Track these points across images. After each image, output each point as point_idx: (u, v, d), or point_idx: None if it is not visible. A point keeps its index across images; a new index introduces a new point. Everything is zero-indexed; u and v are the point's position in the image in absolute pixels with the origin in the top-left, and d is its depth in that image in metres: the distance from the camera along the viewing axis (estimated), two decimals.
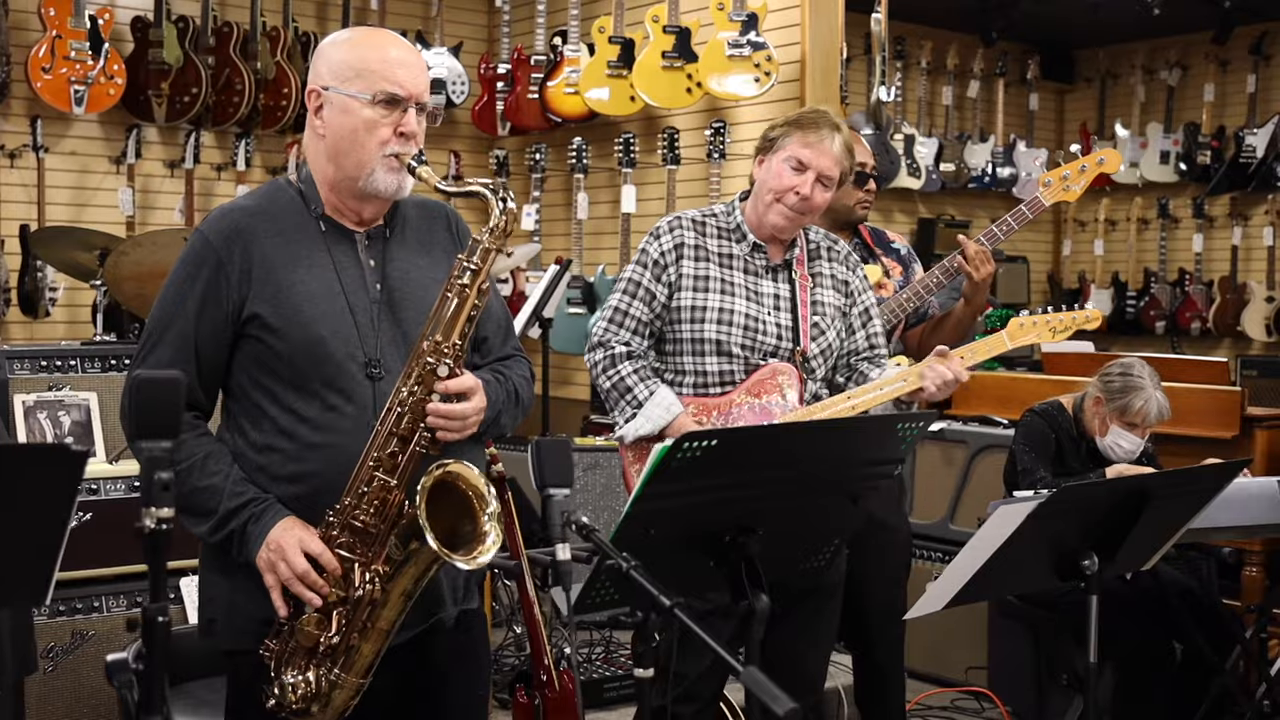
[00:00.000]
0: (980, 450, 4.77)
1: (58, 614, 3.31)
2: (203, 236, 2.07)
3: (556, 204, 6.04)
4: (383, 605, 1.98)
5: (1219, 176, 7.89)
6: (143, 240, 4.13)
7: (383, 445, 1.97)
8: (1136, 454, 3.74)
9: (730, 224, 2.86)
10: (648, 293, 2.82)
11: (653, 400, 2.74)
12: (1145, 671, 3.86)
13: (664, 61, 5.26)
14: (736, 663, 1.59)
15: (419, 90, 2.06)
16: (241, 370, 2.06)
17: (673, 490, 1.90)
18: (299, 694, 1.99)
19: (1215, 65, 8.13)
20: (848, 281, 2.91)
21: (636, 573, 1.76)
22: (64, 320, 5.31)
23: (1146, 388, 3.67)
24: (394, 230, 2.14)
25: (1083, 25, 8.09)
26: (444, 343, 1.98)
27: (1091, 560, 2.41)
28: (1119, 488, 2.49)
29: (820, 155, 2.75)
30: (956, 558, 2.34)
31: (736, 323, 2.77)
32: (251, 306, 2.02)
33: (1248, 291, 7.90)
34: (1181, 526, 2.64)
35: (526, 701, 3.32)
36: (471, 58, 6.16)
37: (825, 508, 2.15)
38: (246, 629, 2.04)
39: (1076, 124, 8.85)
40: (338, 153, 2.05)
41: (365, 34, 2.15)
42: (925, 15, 7.69)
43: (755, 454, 1.97)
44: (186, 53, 5.40)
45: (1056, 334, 3.00)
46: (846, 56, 6.04)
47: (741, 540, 2.00)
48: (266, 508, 2.00)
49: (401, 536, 1.96)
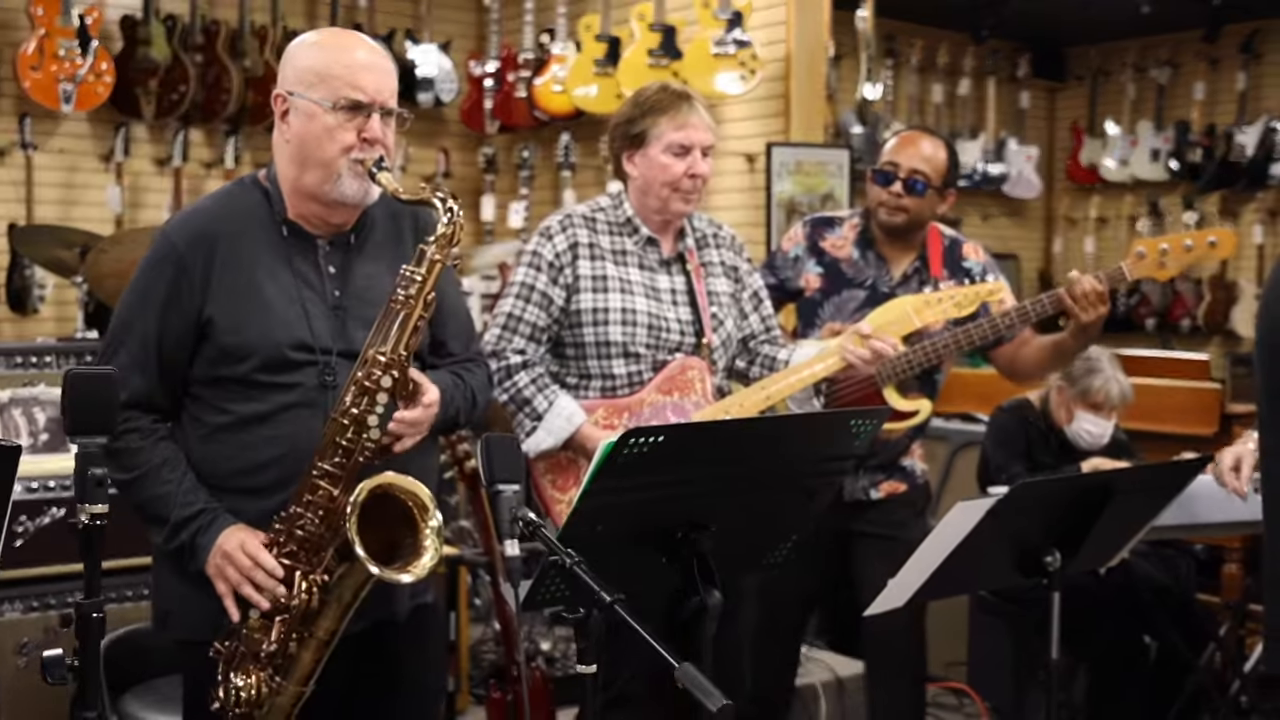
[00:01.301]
0: (961, 447, 4.75)
1: (30, 609, 3.29)
2: (167, 239, 2.06)
3: (544, 201, 6.01)
4: (321, 615, 1.98)
5: (1209, 175, 7.85)
6: (123, 238, 4.12)
7: (328, 455, 1.96)
8: (1105, 438, 3.72)
9: (620, 218, 2.78)
10: (544, 297, 2.71)
11: (552, 411, 2.66)
12: (1119, 669, 3.84)
13: (650, 59, 5.23)
14: (671, 659, 1.56)
15: (383, 96, 2.04)
16: (199, 370, 2.05)
17: (620, 486, 1.88)
18: (243, 698, 1.99)
19: (1205, 63, 8.08)
20: (736, 267, 2.87)
21: (579, 569, 1.73)
22: (52, 317, 5.30)
23: (1106, 369, 3.68)
24: (358, 237, 2.12)
25: (1074, 23, 8.05)
26: (389, 353, 1.96)
27: (1054, 557, 2.39)
28: (1080, 484, 2.48)
29: (695, 131, 2.69)
30: (916, 553, 2.33)
31: (640, 323, 2.69)
32: (210, 310, 2.01)
33: (1237, 289, 7.87)
34: (1146, 523, 2.62)
35: (499, 696, 3.31)
36: (460, 55, 6.13)
37: (779, 504, 2.13)
38: (201, 620, 2.04)
39: (1067, 122, 8.81)
40: (303, 158, 2.04)
41: (331, 37, 2.13)
42: (916, 13, 7.65)
43: (704, 450, 1.94)
44: (175, 51, 5.37)
45: (961, 308, 2.93)
46: (837, 54, 6.02)
47: (693, 536, 1.98)
48: (215, 519, 2.00)
49: (340, 549, 1.96)
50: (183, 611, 2.08)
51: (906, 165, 3.12)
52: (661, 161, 2.69)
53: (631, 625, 1.64)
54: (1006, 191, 8.19)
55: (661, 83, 2.80)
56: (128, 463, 2.00)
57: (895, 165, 3.13)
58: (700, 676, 1.53)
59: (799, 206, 5.13)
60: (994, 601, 4.27)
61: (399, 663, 2.14)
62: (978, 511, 2.24)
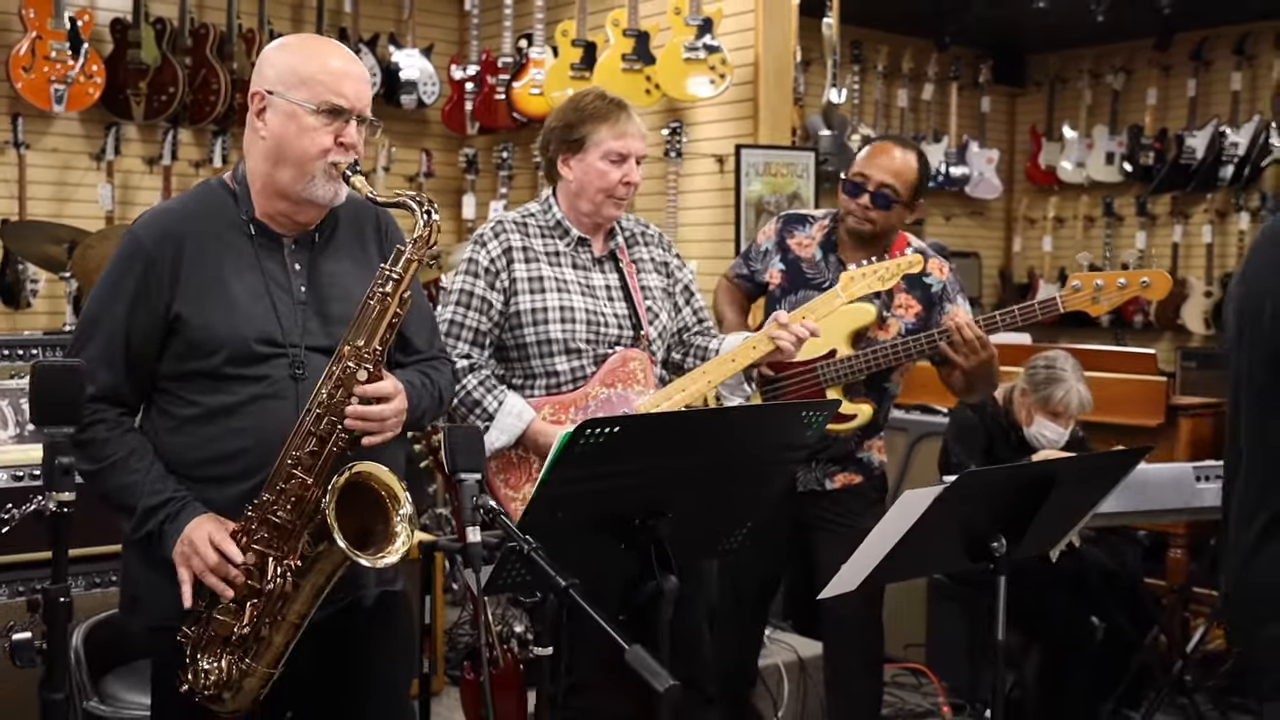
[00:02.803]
0: (921, 438, 4.76)
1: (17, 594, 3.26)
2: (135, 238, 2.04)
3: (523, 200, 5.94)
4: (294, 599, 1.97)
5: (1161, 177, 7.88)
6: (109, 234, 4.09)
7: (301, 444, 1.95)
8: (1060, 443, 3.73)
9: (549, 221, 2.76)
10: (484, 302, 2.69)
11: (503, 410, 2.64)
12: (1069, 649, 3.85)
13: (624, 64, 5.21)
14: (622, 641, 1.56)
15: (362, 104, 2.05)
16: (167, 366, 2.03)
17: (577, 475, 1.87)
18: (212, 680, 1.98)
19: (1158, 70, 8.12)
20: (666, 263, 2.86)
21: (536, 555, 1.73)
22: (45, 311, 5.26)
23: (1068, 379, 3.67)
24: (323, 235, 2.12)
25: (1033, 31, 8.06)
26: (364, 348, 1.96)
27: (1000, 542, 2.39)
28: (1023, 473, 2.47)
29: (632, 140, 2.68)
30: (867, 539, 2.32)
31: (579, 319, 2.67)
32: (179, 307, 1.99)
33: (1187, 286, 7.89)
34: (1088, 509, 2.62)
35: (473, 678, 3.29)
36: (442, 59, 6.11)
37: (734, 492, 2.12)
38: (169, 606, 2.02)
39: (1027, 126, 8.83)
40: (279, 156, 2.02)
41: (313, 42, 2.12)
42: (882, 20, 7.66)
43: (660, 440, 1.94)
44: (164, 53, 5.33)
45: (885, 281, 2.94)
46: (805, 60, 6.02)
47: (650, 523, 1.98)
48: (183, 507, 1.98)
49: (313, 534, 1.95)
50: (150, 598, 2.06)
51: (875, 178, 3.05)
52: (599, 168, 2.67)
53: (584, 609, 1.63)
54: (968, 192, 8.22)
55: (599, 90, 2.78)
56: (95, 453, 1.98)
57: (865, 178, 3.06)
58: (649, 658, 1.52)
59: (767, 206, 5.12)
60: (950, 586, 4.29)
61: (365, 646, 2.13)
62: (925, 499, 2.24)
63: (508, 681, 3.19)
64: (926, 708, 4.30)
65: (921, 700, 4.37)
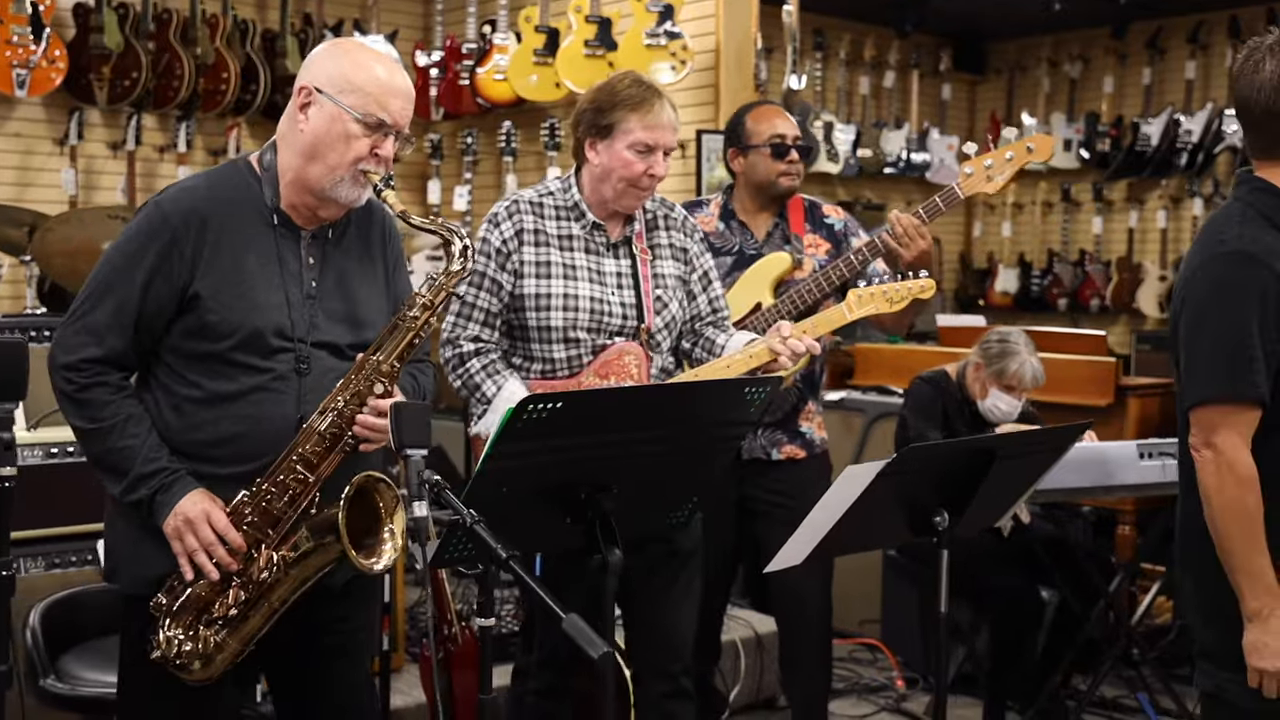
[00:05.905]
0: (877, 418, 4.80)
1: None
2: (160, 211, 2.04)
3: (488, 185, 5.99)
4: (279, 586, 2.01)
5: (1117, 163, 7.94)
6: (69, 217, 4.05)
7: (310, 443, 2.00)
8: (1014, 415, 3.77)
9: (568, 201, 2.70)
10: (494, 283, 2.66)
11: (500, 395, 2.62)
12: (1019, 623, 3.90)
13: (586, 50, 5.21)
14: (559, 610, 1.57)
15: (404, 122, 2.09)
16: (174, 339, 2.04)
17: (522, 450, 1.88)
18: (185, 650, 2.00)
19: (1114, 59, 8.17)
20: (686, 249, 2.78)
21: (479, 527, 1.74)
22: (8, 295, 5.20)
23: (1021, 353, 3.71)
24: (336, 231, 2.15)
25: (992, 19, 8.10)
26: (384, 363, 2.03)
27: (942, 516, 2.42)
28: (965, 448, 2.50)
29: (663, 132, 2.60)
30: (811, 513, 2.34)
31: (582, 308, 2.63)
32: (197, 286, 2.01)
33: (1143, 271, 7.97)
34: (1030, 484, 2.65)
35: (429, 655, 3.30)
36: (406, 45, 6.07)
37: (678, 466, 2.14)
38: (148, 577, 2.04)
39: (986, 113, 8.88)
40: (314, 153, 2.05)
41: (371, 53, 2.12)
42: (843, 8, 7.68)
43: (602, 416, 1.95)
44: (127, 38, 5.27)
45: (894, 303, 2.93)
46: (767, 47, 6.01)
47: (596, 497, 1.99)
48: (176, 479, 2.00)
49: (315, 529, 1.99)
50: (131, 566, 2.07)
51: (791, 134, 3.25)
52: (625, 157, 2.60)
53: (524, 579, 1.64)
54: (929, 179, 8.24)
55: (635, 74, 2.69)
56: (95, 414, 1.99)
57: (782, 137, 3.23)
58: (585, 626, 1.54)
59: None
60: (904, 561, 4.33)
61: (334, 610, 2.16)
62: (869, 473, 2.26)
63: (468, 658, 3.20)
64: (882, 681, 4.35)
65: (877, 675, 4.41)
